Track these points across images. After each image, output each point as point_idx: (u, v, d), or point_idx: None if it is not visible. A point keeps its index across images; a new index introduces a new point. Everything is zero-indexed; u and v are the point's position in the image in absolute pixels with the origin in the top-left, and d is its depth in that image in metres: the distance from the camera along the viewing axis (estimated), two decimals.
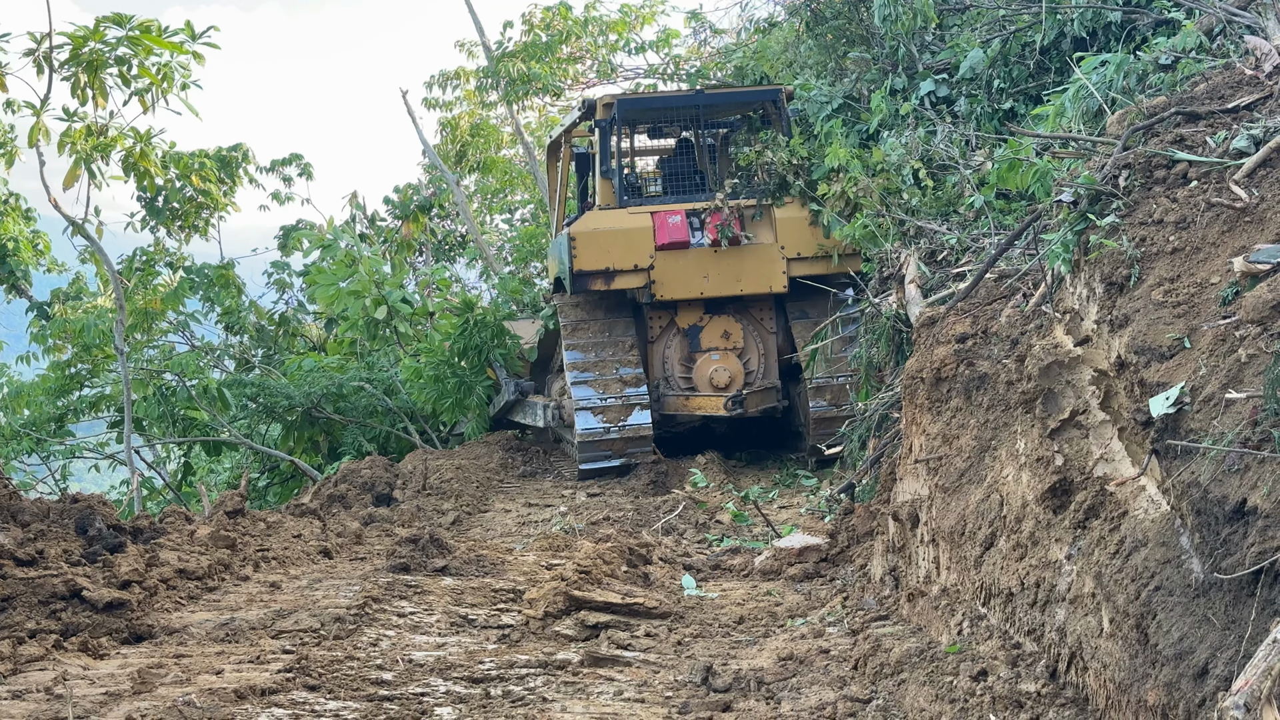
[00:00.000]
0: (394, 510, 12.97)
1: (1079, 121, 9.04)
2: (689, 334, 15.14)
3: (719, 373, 14.91)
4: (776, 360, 15.19)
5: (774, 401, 15.02)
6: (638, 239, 14.64)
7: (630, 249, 14.64)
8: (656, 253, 14.67)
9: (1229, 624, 4.26)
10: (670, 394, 15.02)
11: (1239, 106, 6.54)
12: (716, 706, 6.45)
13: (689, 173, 16.10)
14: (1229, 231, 5.57)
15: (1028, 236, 8.41)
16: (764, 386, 14.98)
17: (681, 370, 15.16)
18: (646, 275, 14.67)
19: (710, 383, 14.91)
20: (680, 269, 14.69)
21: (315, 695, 6.59)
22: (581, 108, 16.26)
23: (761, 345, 15.24)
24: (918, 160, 12.24)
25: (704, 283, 14.74)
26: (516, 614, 8.44)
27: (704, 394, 14.84)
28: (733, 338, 15.13)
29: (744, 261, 14.74)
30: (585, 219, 15.20)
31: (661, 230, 14.63)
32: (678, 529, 11.64)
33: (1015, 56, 13.16)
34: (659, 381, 15.14)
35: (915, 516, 7.82)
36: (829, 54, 16.04)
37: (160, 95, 14.48)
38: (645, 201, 15.55)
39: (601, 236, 14.69)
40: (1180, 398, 4.89)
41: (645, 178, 17.23)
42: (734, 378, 14.93)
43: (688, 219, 14.73)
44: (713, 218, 14.46)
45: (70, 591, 7.93)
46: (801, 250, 14.65)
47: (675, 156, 16.60)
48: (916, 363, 8.19)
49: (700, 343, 15.09)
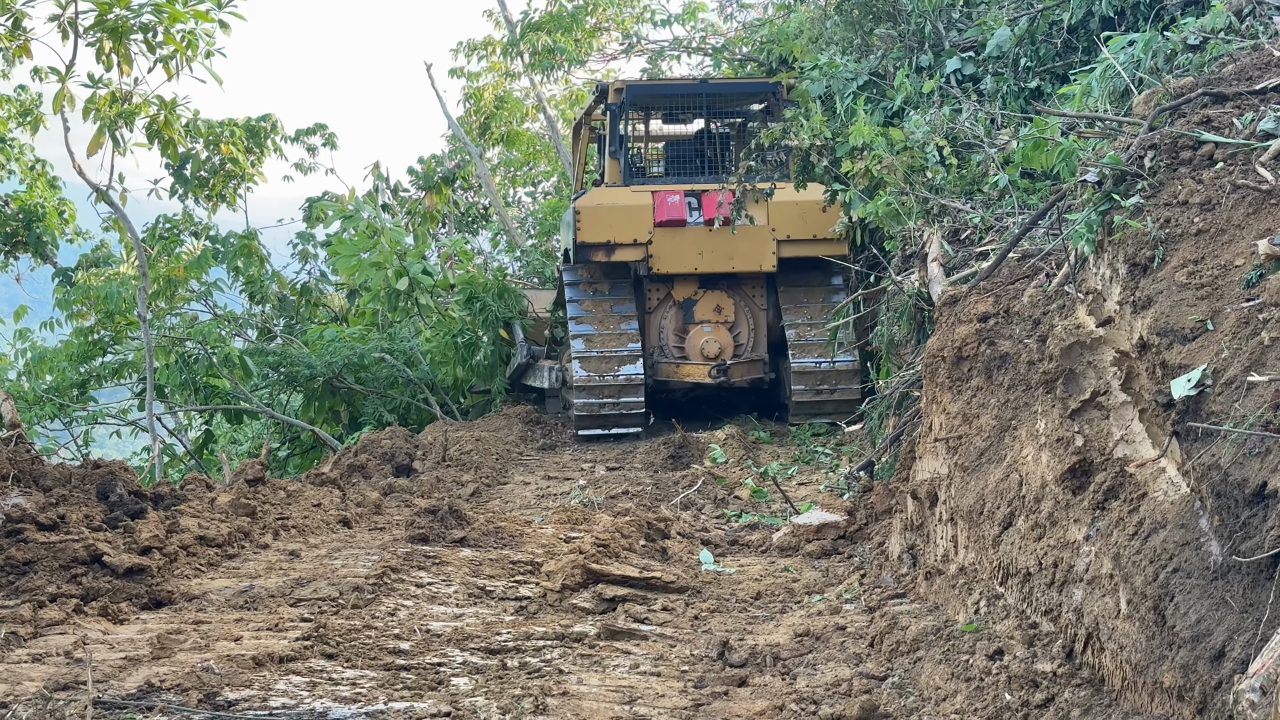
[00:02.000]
0: (413, 481, 13.01)
1: (1105, 101, 9.00)
2: (684, 306, 16.33)
3: (710, 343, 16.09)
4: (766, 335, 16.35)
5: (760, 373, 16.18)
6: (638, 215, 15.79)
7: (631, 224, 15.79)
8: (655, 229, 15.81)
9: (1247, 607, 4.26)
10: (664, 361, 16.19)
11: (1267, 88, 6.50)
12: (732, 681, 6.46)
13: (691, 155, 17.32)
14: (1254, 214, 5.54)
15: (1052, 216, 8.37)
16: (751, 359, 16.16)
17: (675, 339, 16.32)
18: (645, 249, 15.83)
19: (701, 353, 16.07)
20: (676, 245, 15.85)
21: (333, 664, 6.62)
22: (595, 92, 17.62)
23: (752, 320, 16.38)
24: (942, 138, 12.18)
25: (698, 259, 15.91)
26: (534, 586, 8.47)
27: (694, 362, 16.00)
28: (724, 311, 16.28)
29: (737, 241, 15.70)
30: (591, 194, 16.40)
31: (660, 208, 15.74)
32: (696, 504, 11.65)
33: (1042, 35, 13.09)
34: (654, 349, 16.30)
35: (934, 495, 7.82)
36: (855, 30, 15.99)
37: (184, 63, 14.49)
38: (649, 181, 16.77)
39: (604, 211, 15.83)
40: (1202, 380, 4.88)
41: (649, 160, 18.37)
42: (724, 349, 16.11)
43: (686, 199, 15.86)
44: (726, 197, 14.90)
45: (91, 556, 7.98)
46: (792, 233, 15.67)
47: (678, 140, 17.91)
48: (938, 341, 8.18)
49: (694, 315, 16.27)
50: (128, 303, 20.63)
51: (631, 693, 6.30)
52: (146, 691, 5.91)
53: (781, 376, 16.28)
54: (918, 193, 11.83)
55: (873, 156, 12.79)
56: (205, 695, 5.95)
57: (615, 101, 16.75)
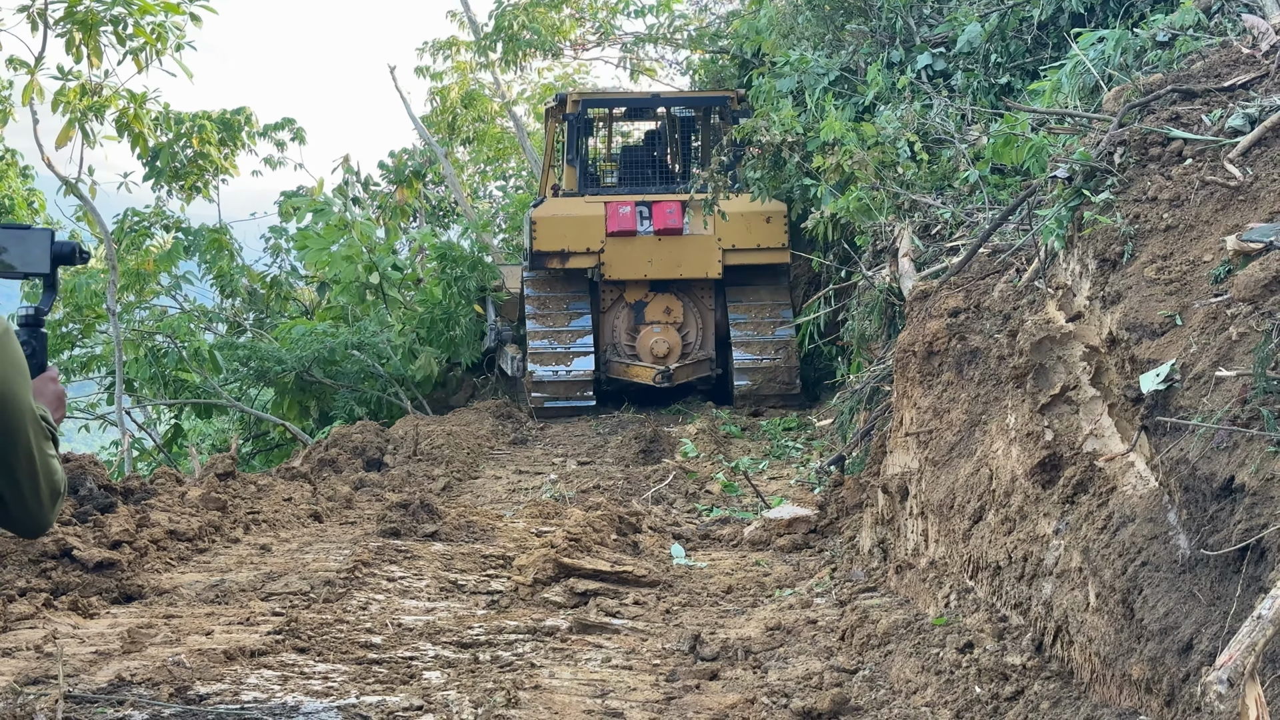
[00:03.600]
0: (384, 475, 12.98)
1: (1075, 97, 9.04)
2: (635, 308, 17.23)
3: (659, 344, 16.99)
4: (713, 334, 17.22)
5: (707, 371, 17.18)
6: (591, 225, 16.66)
7: (583, 234, 16.66)
8: (607, 238, 16.65)
9: (1214, 600, 4.29)
10: (616, 360, 17.10)
11: (1235, 85, 6.55)
12: (704, 675, 6.48)
13: (644, 164, 18.35)
14: (1223, 210, 5.58)
15: (1022, 212, 8.41)
16: (699, 358, 17.12)
17: (627, 339, 17.19)
18: (597, 257, 16.71)
19: (651, 352, 16.98)
20: (627, 254, 16.72)
21: (304, 657, 6.62)
22: (554, 102, 18.66)
23: (700, 321, 17.28)
24: (913, 134, 12.21)
25: (648, 266, 16.79)
26: (506, 580, 8.47)
27: (641, 364, 16.93)
28: (674, 313, 17.18)
29: (684, 250, 16.75)
30: (546, 205, 17.23)
31: (612, 219, 16.57)
32: (667, 498, 11.66)
33: (1013, 31, 13.13)
34: (608, 348, 17.16)
35: (905, 489, 7.85)
36: (826, 25, 16.02)
37: (155, 55, 14.42)
38: (602, 191, 17.64)
39: (559, 222, 16.72)
40: (1171, 375, 4.91)
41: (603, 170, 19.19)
42: (672, 348, 17.03)
43: (636, 209, 16.69)
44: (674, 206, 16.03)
45: (61, 551, 7.95)
46: (736, 242, 16.48)
47: (632, 149, 19.18)
48: (909, 336, 8.21)
49: (644, 316, 17.18)
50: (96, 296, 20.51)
51: (603, 686, 6.31)
52: (117, 685, 5.90)
53: (728, 371, 17.17)
54: (889, 188, 11.87)
55: (844, 152, 12.82)
56: (176, 689, 5.94)
57: (572, 112, 17.63)
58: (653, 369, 16.75)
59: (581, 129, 17.89)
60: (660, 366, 16.75)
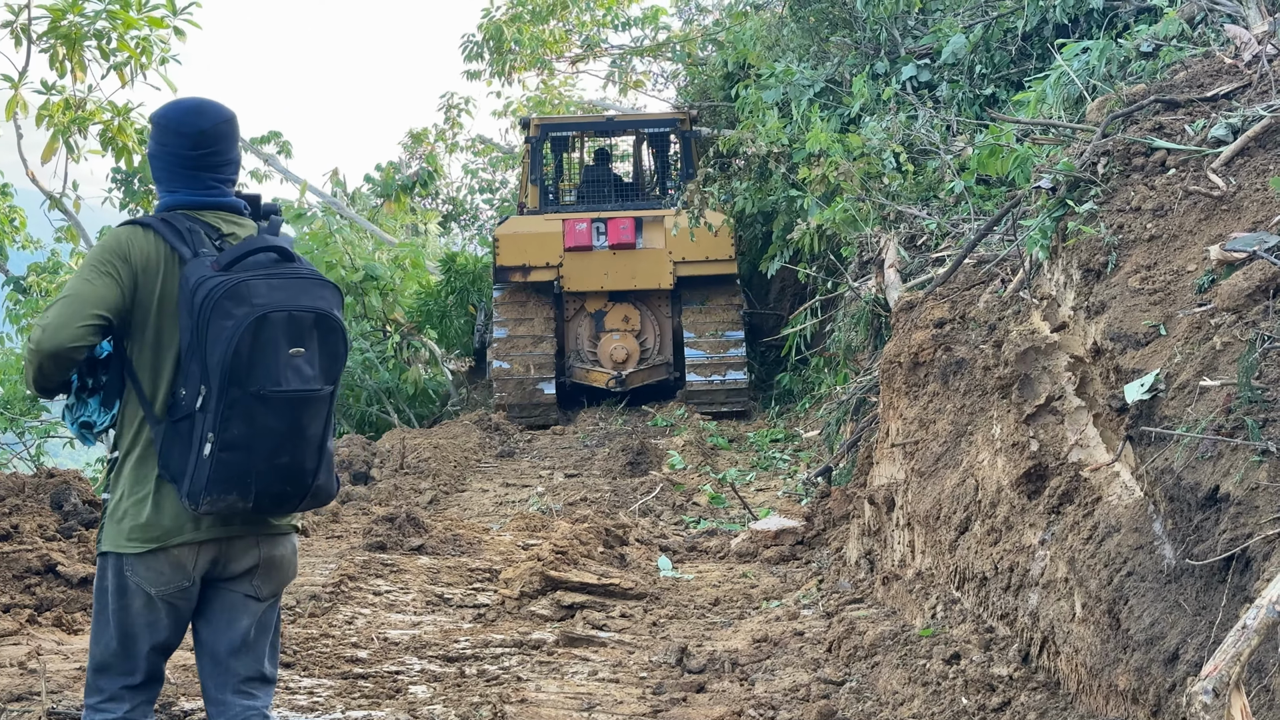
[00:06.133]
0: (371, 489, 12.96)
1: (1059, 108, 9.05)
2: (595, 317, 18.39)
3: (618, 350, 18.16)
4: (671, 340, 18.37)
5: (662, 376, 18.37)
6: (550, 242, 17.80)
7: (543, 249, 17.81)
8: (565, 253, 17.77)
9: (1200, 610, 4.29)
10: (578, 365, 18.33)
11: (1218, 95, 6.56)
12: (691, 687, 6.47)
13: (602, 183, 19.61)
14: (1206, 220, 5.59)
15: (1007, 222, 8.42)
16: (655, 363, 18.31)
17: (589, 346, 18.36)
18: (557, 271, 17.83)
19: (610, 357, 18.15)
20: (584, 267, 17.86)
21: (290, 672, 6.60)
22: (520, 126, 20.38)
23: (657, 328, 18.43)
24: (898, 145, 12.22)
25: (604, 278, 17.91)
26: (492, 593, 8.45)
27: (600, 369, 18.17)
28: (631, 321, 18.34)
29: (638, 263, 17.88)
30: (509, 223, 18.58)
31: (569, 235, 17.72)
32: (654, 510, 11.65)
33: (997, 42, 13.15)
34: (571, 354, 18.38)
35: (891, 500, 7.85)
36: (812, 37, 16.05)
37: (139, 70, 14.38)
38: (562, 209, 19.01)
39: (520, 238, 17.92)
40: (1155, 384, 4.91)
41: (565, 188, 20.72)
42: (630, 354, 18.22)
43: (593, 225, 17.83)
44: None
45: (45, 566, 7.91)
46: (686, 255, 17.49)
47: (591, 170, 20.40)
48: (894, 347, 8.21)
49: (604, 324, 18.34)
50: None
51: (590, 700, 6.30)
52: None
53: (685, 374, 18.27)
54: (874, 199, 11.87)
55: (829, 163, 12.83)
56: (162, 705, 5.91)
57: (535, 135, 19.05)
58: (609, 374, 18.09)
59: (545, 151, 19.36)
60: (615, 372, 18.05)
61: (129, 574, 4.08)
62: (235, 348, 3.89)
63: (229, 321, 3.90)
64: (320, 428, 4.08)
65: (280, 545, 4.25)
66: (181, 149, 4.17)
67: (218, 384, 3.90)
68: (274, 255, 4.06)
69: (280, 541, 4.25)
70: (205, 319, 3.92)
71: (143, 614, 4.11)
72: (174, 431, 4.00)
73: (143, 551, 4.06)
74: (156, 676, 4.21)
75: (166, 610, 4.13)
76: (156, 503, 4.04)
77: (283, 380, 3.95)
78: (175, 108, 4.25)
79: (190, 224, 4.10)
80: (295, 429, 4.00)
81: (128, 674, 4.13)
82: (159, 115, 4.25)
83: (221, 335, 3.90)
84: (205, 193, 4.18)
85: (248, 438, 3.93)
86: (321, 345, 4.05)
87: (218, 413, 3.92)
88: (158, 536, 4.05)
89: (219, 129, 4.19)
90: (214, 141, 4.18)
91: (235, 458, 3.94)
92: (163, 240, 4.06)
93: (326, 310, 4.06)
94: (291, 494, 4.07)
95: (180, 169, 4.18)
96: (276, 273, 4.02)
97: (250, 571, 4.20)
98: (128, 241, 4.06)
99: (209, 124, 4.18)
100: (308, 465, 4.06)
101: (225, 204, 4.21)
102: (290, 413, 3.98)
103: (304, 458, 4.05)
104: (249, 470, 3.95)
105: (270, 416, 3.95)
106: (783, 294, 19.75)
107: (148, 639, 4.13)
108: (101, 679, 4.14)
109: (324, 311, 4.05)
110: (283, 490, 4.04)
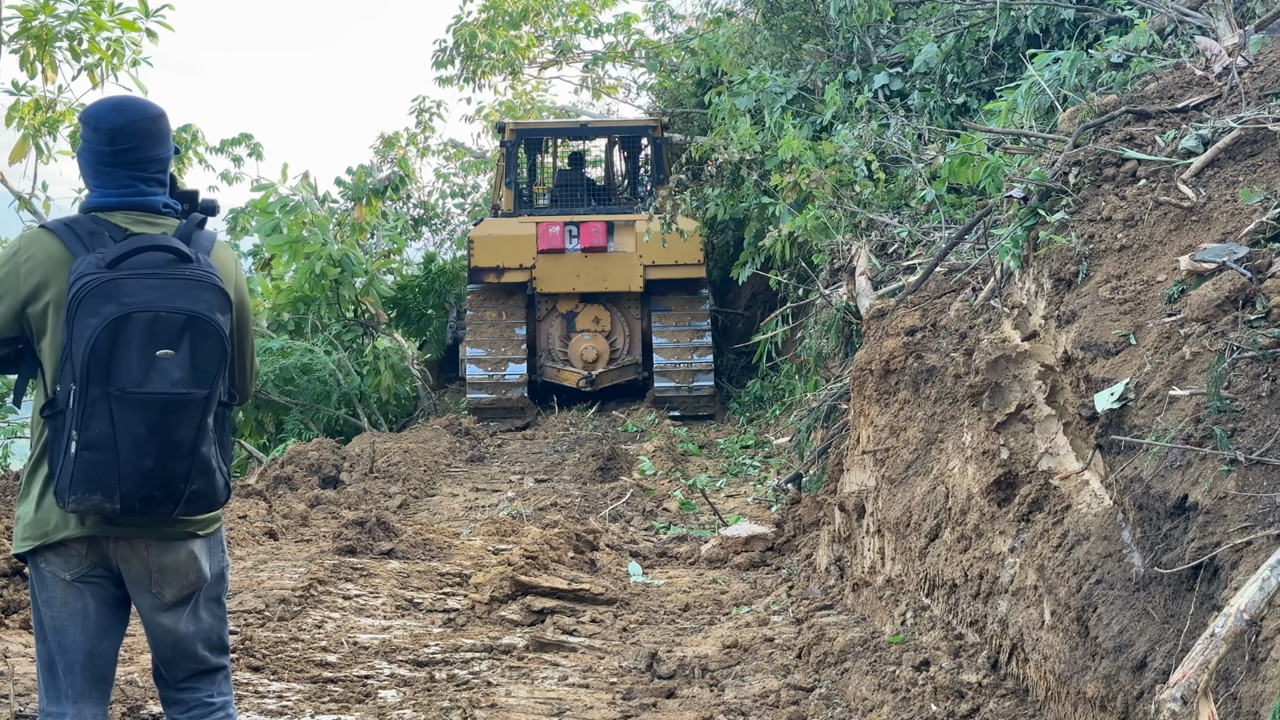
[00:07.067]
0: (341, 493, 12.92)
1: (1031, 118, 9.10)
2: (567, 318, 18.77)
3: (588, 350, 18.54)
4: (640, 341, 18.74)
5: (631, 375, 18.77)
6: (523, 244, 18.16)
7: (517, 251, 18.17)
8: (538, 255, 18.14)
9: (1168, 618, 4.32)
10: (549, 364, 18.71)
11: (1188, 106, 6.60)
12: (661, 693, 6.47)
13: (575, 187, 20.20)
14: (1176, 230, 5.63)
15: (978, 231, 8.46)
16: (624, 364, 18.72)
17: (560, 345, 18.75)
18: (530, 273, 18.18)
19: (581, 357, 18.54)
20: (556, 269, 18.23)
21: (259, 676, 6.58)
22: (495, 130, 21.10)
23: (627, 329, 18.82)
24: (870, 153, 12.27)
25: (576, 280, 18.29)
26: (462, 598, 8.44)
27: (570, 369, 18.59)
28: (602, 322, 18.70)
29: (609, 265, 18.26)
30: (484, 225, 18.97)
31: (542, 238, 18.11)
32: (625, 516, 11.65)
33: (969, 52, 13.22)
34: (543, 353, 18.73)
35: (861, 507, 7.87)
36: (785, 45, 16.10)
37: (110, 71, 14.32)
38: (536, 212, 19.39)
39: (494, 240, 18.27)
40: (1125, 394, 4.94)
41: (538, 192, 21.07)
42: (600, 354, 18.60)
43: (565, 228, 18.24)
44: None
45: (12, 569, 7.87)
46: (656, 259, 17.86)
47: (565, 173, 21.03)
48: (865, 355, 8.24)
49: (575, 325, 18.71)
50: None
51: (560, 705, 6.30)
52: None
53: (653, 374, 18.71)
54: (846, 207, 11.91)
55: (801, 170, 12.87)
56: (129, 709, 5.89)
57: (510, 139, 19.38)
58: (579, 373, 18.48)
59: (520, 155, 19.72)
60: (585, 371, 18.45)
61: (43, 565, 4.08)
62: (93, 346, 3.85)
63: (93, 320, 3.86)
64: (191, 432, 3.97)
65: (173, 550, 4.15)
66: (100, 145, 4.11)
67: (79, 383, 3.87)
68: (169, 255, 3.99)
69: (174, 547, 4.15)
70: (73, 316, 3.89)
71: (67, 602, 4.09)
72: (53, 428, 3.98)
73: (41, 545, 4.05)
74: (101, 674, 4.18)
75: (91, 593, 4.11)
76: (42, 499, 4.03)
77: (145, 382, 3.89)
78: (98, 104, 4.21)
79: (94, 226, 4.05)
80: (160, 432, 3.92)
81: (68, 669, 4.11)
82: (84, 112, 4.21)
83: (84, 333, 3.86)
84: (119, 192, 4.12)
85: (109, 438, 3.88)
86: (194, 348, 3.95)
87: (79, 412, 3.88)
88: (46, 533, 4.04)
89: (138, 125, 4.12)
90: (132, 138, 4.10)
91: (97, 458, 3.89)
92: (62, 244, 4.01)
93: (201, 313, 3.96)
94: (162, 498, 3.97)
95: (100, 165, 4.13)
96: (157, 273, 3.95)
97: (147, 576, 4.14)
98: (25, 248, 4.06)
99: (126, 120, 4.11)
100: (176, 470, 3.96)
101: (139, 204, 4.13)
102: (153, 415, 3.90)
103: (171, 462, 3.95)
104: (111, 471, 3.89)
105: (132, 418, 3.89)
106: (754, 301, 19.83)
107: (79, 627, 4.10)
108: (48, 679, 4.13)
109: (197, 314, 3.96)
110: (150, 494, 3.95)
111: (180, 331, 3.93)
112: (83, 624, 4.12)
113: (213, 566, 4.28)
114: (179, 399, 3.93)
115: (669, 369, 18.19)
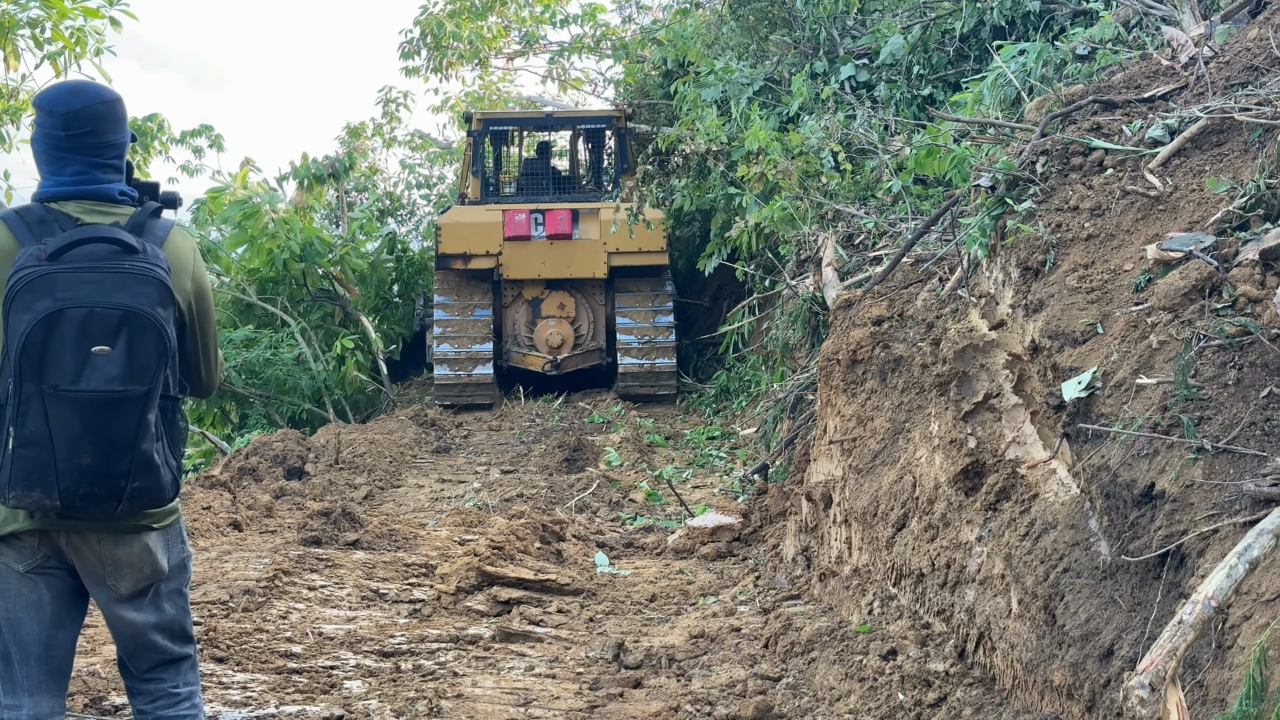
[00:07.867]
0: (305, 484, 12.86)
1: (997, 109, 9.11)
2: (532, 304, 19.09)
3: (553, 335, 18.87)
4: (604, 327, 19.10)
5: (596, 361, 19.06)
6: (490, 231, 18.45)
7: (484, 238, 18.46)
8: (505, 242, 18.43)
9: (1135, 606, 4.33)
10: (516, 350, 19.07)
11: (1155, 96, 6.62)
12: (628, 683, 6.46)
13: (541, 176, 20.50)
14: (1143, 219, 5.64)
15: (945, 221, 8.46)
16: (589, 349, 19.04)
17: (526, 331, 19.08)
18: (496, 259, 18.47)
19: (546, 343, 18.87)
20: (522, 256, 18.54)
21: (223, 667, 6.54)
22: (462, 119, 21.60)
23: (592, 315, 19.16)
24: (837, 144, 12.26)
25: (541, 267, 18.60)
26: (428, 589, 8.41)
27: (536, 354, 18.94)
28: (567, 308, 19.02)
29: (574, 252, 18.57)
30: (451, 212, 19.29)
31: (509, 225, 18.39)
32: (591, 507, 11.64)
33: (935, 43, 13.23)
34: (509, 339, 19.07)
35: (828, 497, 7.87)
36: (751, 36, 16.10)
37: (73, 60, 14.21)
38: (502, 200, 19.56)
39: (461, 228, 18.56)
40: (1092, 382, 4.95)
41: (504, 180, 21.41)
42: (565, 340, 18.94)
43: (531, 215, 18.52)
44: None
45: None
46: (620, 246, 18.10)
47: (530, 163, 21.36)
48: (832, 345, 8.24)
49: (541, 311, 19.03)
50: None
51: (526, 695, 6.28)
52: None
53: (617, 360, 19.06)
54: (812, 198, 11.90)
55: (768, 161, 12.86)
56: (91, 700, 5.85)
57: (477, 129, 19.71)
58: (544, 358, 18.80)
59: (486, 144, 20.06)
60: (550, 356, 18.77)
61: None
62: (25, 342, 3.80)
63: (27, 315, 3.81)
64: (130, 429, 3.89)
65: (126, 544, 4.10)
66: (54, 129, 4.04)
67: (13, 379, 3.83)
68: (113, 247, 3.92)
69: (126, 540, 4.10)
70: (8, 310, 3.83)
71: (21, 594, 4.06)
72: None
73: None
74: (58, 666, 4.15)
75: (46, 585, 4.07)
76: None
77: (80, 379, 3.83)
78: (53, 88, 4.14)
79: (45, 215, 3.99)
80: (97, 430, 3.86)
81: (24, 662, 4.07)
82: (38, 97, 4.14)
83: (18, 329, 3.81)
84: (72, 180, 4.06)
85: (45, 435, 3.83)
86: (131, 344, 3.88)
87: (15, 408, 3.84)
88: None
89: (93, 109, 4.05)
90: (86, 122, 4.03)
91: (34, 454, 3.84)
92: (11, 234, 3.96)
93: (139, 308, 3.88)
94: (103, 496, 3.92)
95: (54, 151, 4.06)
96: (97, 266, 3.88)
97: (100, 569, 4.10)
98: None
99: (81, 104, 4.04)
100: (116, 468, 3.90)
101: (92, 192, 4.06)
102: (88, 413, 3.85)
103: (110, 460, 3.89)
104: (49, 469, 3.85)
105: (67, 415, 3.83)
106: (720, 293, 19.85)
107: (34, 619, 4.07)
108: (3, 672, 4.08)
109: (135, 309, 3.88)
110: (90, 491, 3.90)
111: (117, 327, 3.86)
112: (38, 616, 4.08)
113: (171, 559, 4.23)
114: (115, 396, 3.86)
115: (631, 347, 18.61)
